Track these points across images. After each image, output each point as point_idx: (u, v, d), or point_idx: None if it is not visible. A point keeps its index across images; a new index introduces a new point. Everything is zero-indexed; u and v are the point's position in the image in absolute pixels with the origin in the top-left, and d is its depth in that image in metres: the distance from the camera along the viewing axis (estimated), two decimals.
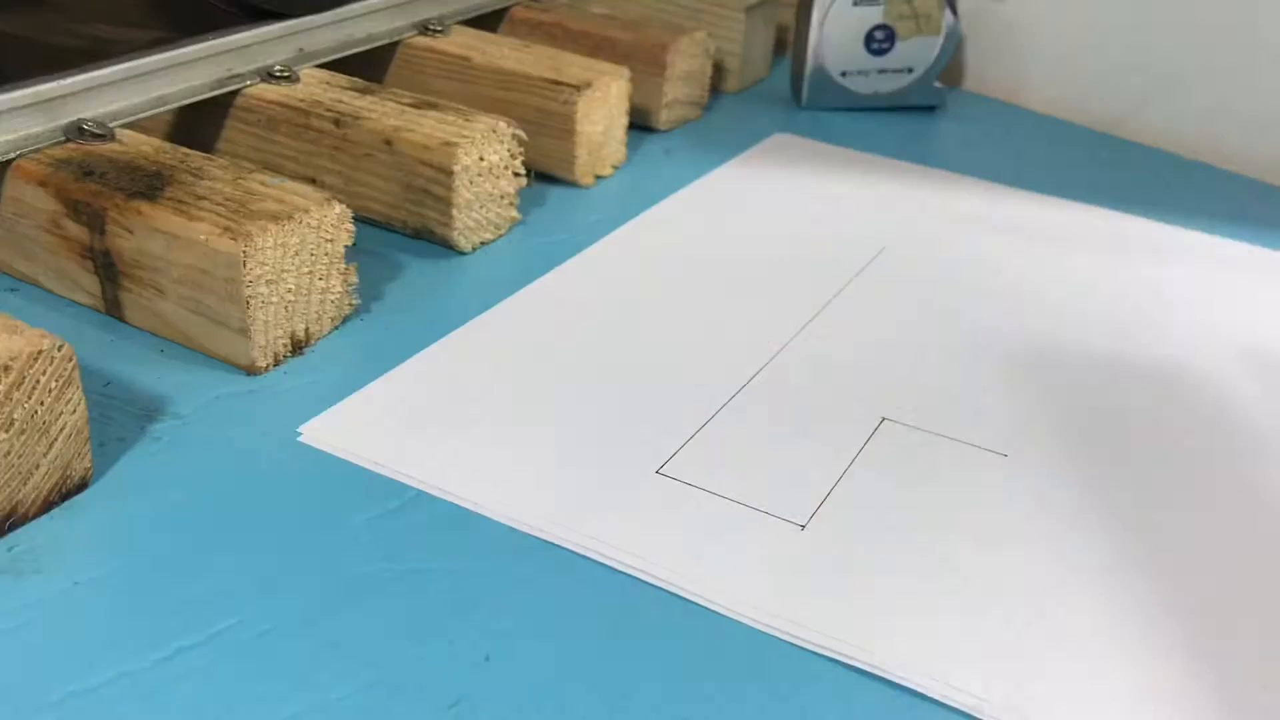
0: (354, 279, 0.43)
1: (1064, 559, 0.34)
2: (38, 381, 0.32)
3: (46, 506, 0.34)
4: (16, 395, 0.32)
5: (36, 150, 0.43)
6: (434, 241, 0.50)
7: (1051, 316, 0.47)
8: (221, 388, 0.40)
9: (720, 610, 0.32)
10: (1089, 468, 0.38)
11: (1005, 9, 0.70)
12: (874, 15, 0.66)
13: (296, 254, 0.40)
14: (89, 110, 0.45)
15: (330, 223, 0.41)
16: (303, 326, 0.42)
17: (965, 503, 0.36)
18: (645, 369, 0.42)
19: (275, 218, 0.39)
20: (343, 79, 0.52)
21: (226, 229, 0.38)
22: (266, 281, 0.39)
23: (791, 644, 0.31)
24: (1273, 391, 0.43)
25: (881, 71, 0.68)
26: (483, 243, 0.50)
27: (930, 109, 0.69)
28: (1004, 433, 0.40)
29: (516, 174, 0.50)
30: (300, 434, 0.38)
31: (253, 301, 0.39)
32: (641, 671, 0.30)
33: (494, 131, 0.48)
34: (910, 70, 0.68)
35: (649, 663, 0.30)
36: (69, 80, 0.44)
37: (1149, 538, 0.35)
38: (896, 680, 0.30)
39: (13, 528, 0.33)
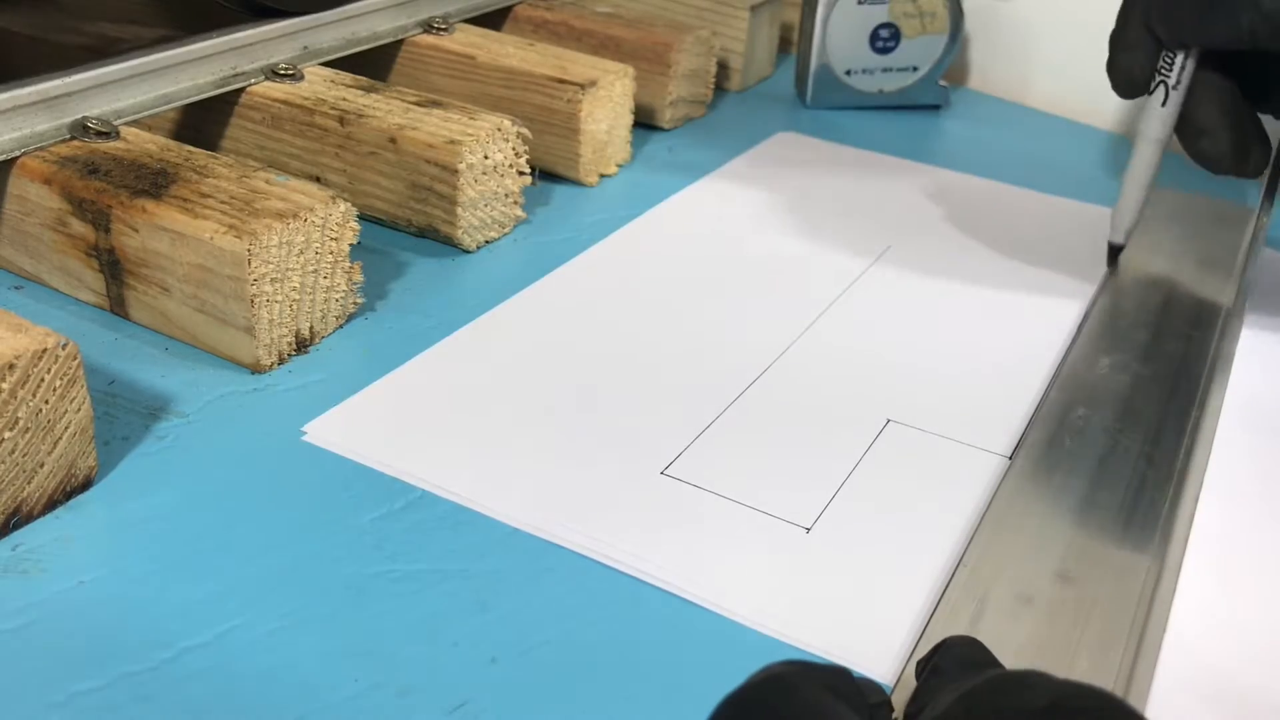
0: (359, 277, 0.43)
1: None
2: (42, 380, 0.32)
3: (51, 505, 0.34)
4: (21, 393, 0.32)
5: (41, 148, 0.43)
6: (438, 240, 0.50)
7: (1058, 316, 0.47)
8: (226, 386, 0.40)
9: (724, 613, 0.32)
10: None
11: (1010, 8, 0.70)
12: (879, 13, 0.66)
13: (301, 252, 0.40)
14: (94, 108, 0.45)
15: (335, 221, 0.41)
16: (307, 325, 0.42)
17: (971, 505, 0.36)
18: (650, 368, 0.42)
19: (280, 216, 0.39)
20: (347, 77, 0.52)
21: (231, 227, 0.38)
22: (271, 280, 0.39)
23: (796, 647, 0.31)
24: None
25: (886, 70, 0.67)
26: (487, 241, 0.50)
27: (935, 108, 0.69)
28: (1010, 435, 0.39)
29: (521, 172, 0.50)
30: (305, 433, 0.38)
31: (257, 300, 0.39)
32: (646, 673, 0.30)
33: (498, 130, 0.48)
34: (915, 69, 0.67)
35: (653, 665, 0.30)
36: (74, 78, 0.44)
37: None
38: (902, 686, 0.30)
39: (17, 527, 0.33)
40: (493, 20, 0.63)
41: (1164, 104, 0.45)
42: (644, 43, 0.61)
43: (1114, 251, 0.49)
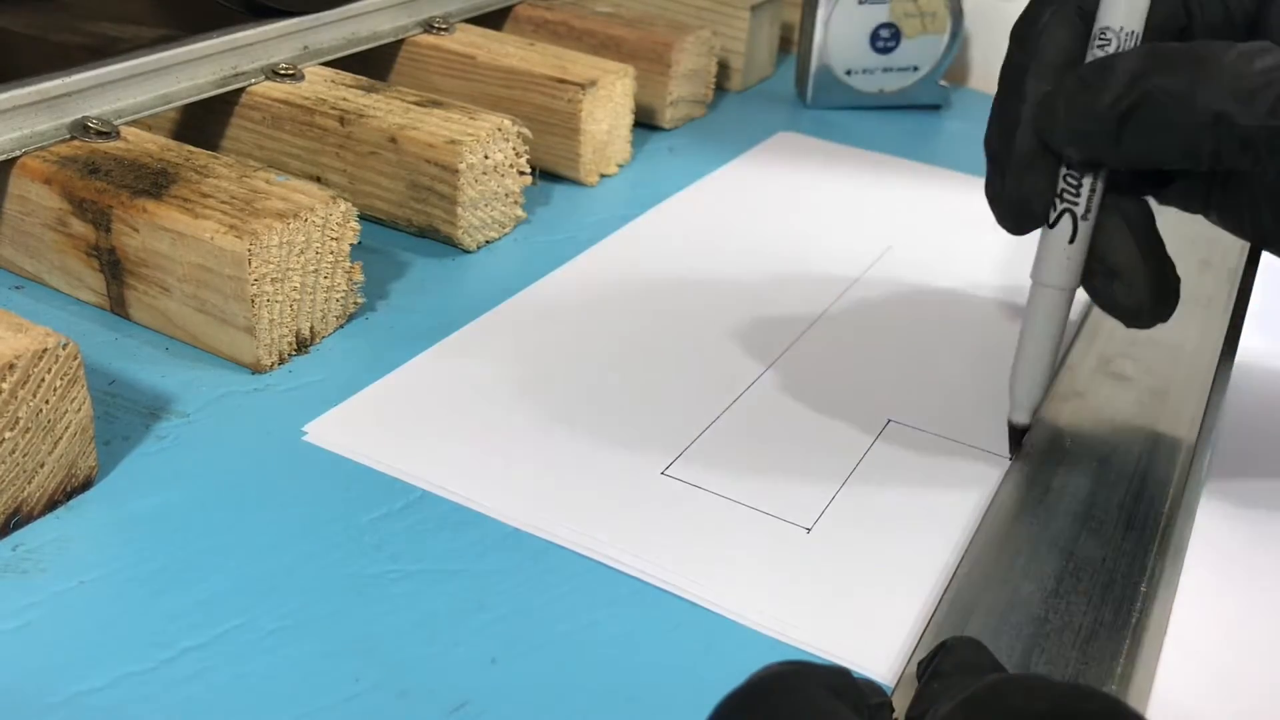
0: (359, 277, 0.43)
1: None
2: (43, 379, 0.32)
3: (51, 505, 0.34)
4: (22, 393, 0.32)
5: (42, 148, 0.43)
6: (439, 240, 0.50)
7: None
8: (226, 386, 0.40)
9: (725, 613, 0.32)
10: None
11: (1011, 7, 0.70)
12: (879, 13, 0.66)
13: (302, 252, 0.40)
14: (94, 108, 0.45)
15: (335, 221, 0.41)
16: (308, 325, 0.41)
17: (972, 505, 0.36)
18: (650, 368, 0.42)
19: (281, 216, 0.39)
20: (347, 77, 0.52)
21: (232, 227, 0.38)
22: (271, 280, 0.39)
23: (797, 648, 0.31)
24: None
25: (886, 70, 0.67)
26: (487, 241, 0.50)
27: (935, 107, 0.69)
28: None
29: (521, 172, 0.50)
30: (305, 433, 0.37)
31: (258, 300, 0.39)
32: (646, 673, 0.30)
33: (499, 130, 0.48)
34: (915, 68, 0.67)
35: (654, 665, 0.30)
36: (74, 78, 0.44)
37: None
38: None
39: (17, 526, 0.33)
40: (493, 20, 0.63)
41: (1072, 240, 0.34)
42: (644, 42, 0.61)
43: (1016, 435, 0.37)
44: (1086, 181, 0.33)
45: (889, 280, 0.49)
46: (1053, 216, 0.34)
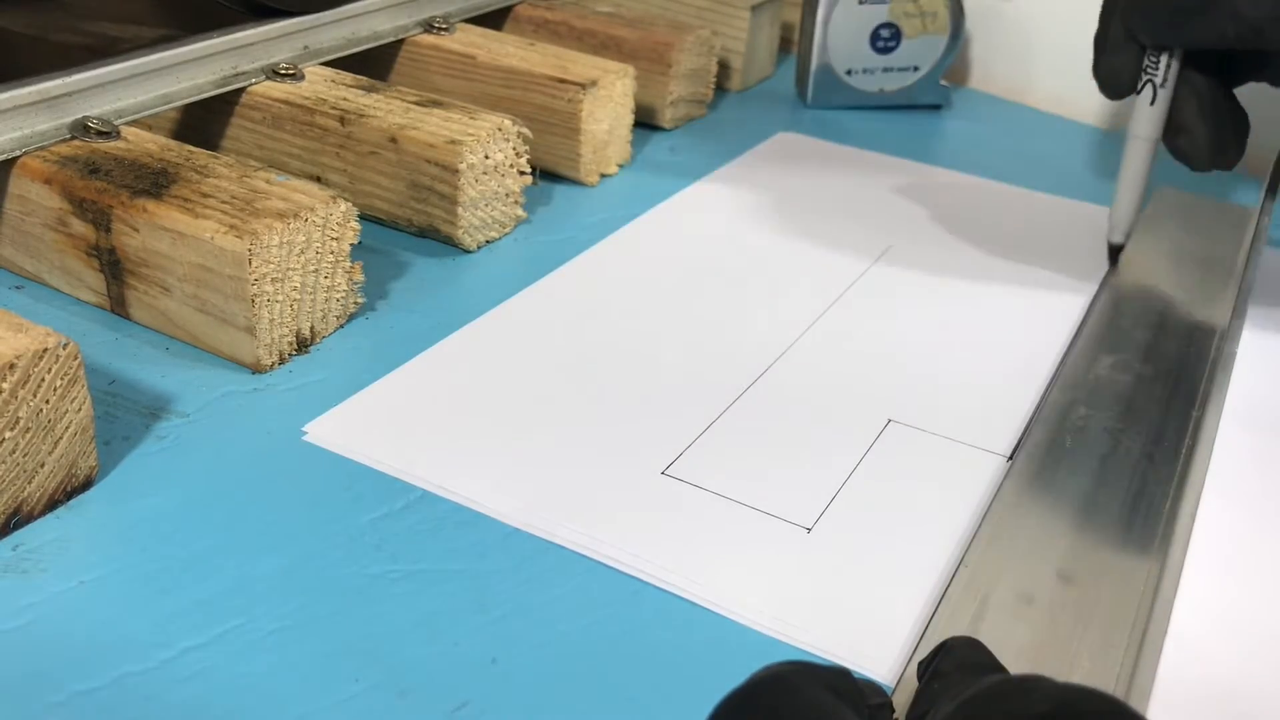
0: (359, 277, 0.43)
1: None
2: (43, 379, 0.32)
3: (51, 505, 0.34)
4: (22, 393, 0.32)
5: (42, 148, 0.43)
6: (439, 240, 0.50)
7: (1059, 316, 0.47)
8: (226, 386, 0.40)
9: (725, 613, 0.32)
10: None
11: (1011, 7, 0.70)
12: (880, 13, 0.66)
13: (302, 252, 0.40)
14: (94, 108, 0.45)
15: (336, 221, 0.41)
16: (308, 325, 0.41)
17: (972, 505, 0.36)
18: (651, 368, 0.42)
19: (281, 216, 0.39)
20: (348, 77, 0.52)
21: (232, 227, 0.38)
22: (272, 280, 0.39)
23: (797, 648, 0.31)
24: None
25: (887, 70, 0.67)
26: (488, 241, 0.50)
27: (936, 107, 0.69)
28: (1010, 435, 0.39)
29: (521, 172, 0.50)
30: (305, 433, 0.37)
31: (258, 300, 0.39)
32: (646, 673, 0.30)
33: (499, 130, 0.48)
34: (916, 68, 0.67)
35: (654, 665, 0.30)
36: (74, 78, 0.44)
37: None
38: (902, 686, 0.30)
39: (17, 526, 0.33)
40: (493, 20, 0.63)
41: (1153, 103, 0.45)
42: (645, 42, 0.61)
43: (1114, 251, 0.50)
44: (1162, 59, 0.44)
45: (888, 280, 0.49)
46: (1140, 85, 0.45)
